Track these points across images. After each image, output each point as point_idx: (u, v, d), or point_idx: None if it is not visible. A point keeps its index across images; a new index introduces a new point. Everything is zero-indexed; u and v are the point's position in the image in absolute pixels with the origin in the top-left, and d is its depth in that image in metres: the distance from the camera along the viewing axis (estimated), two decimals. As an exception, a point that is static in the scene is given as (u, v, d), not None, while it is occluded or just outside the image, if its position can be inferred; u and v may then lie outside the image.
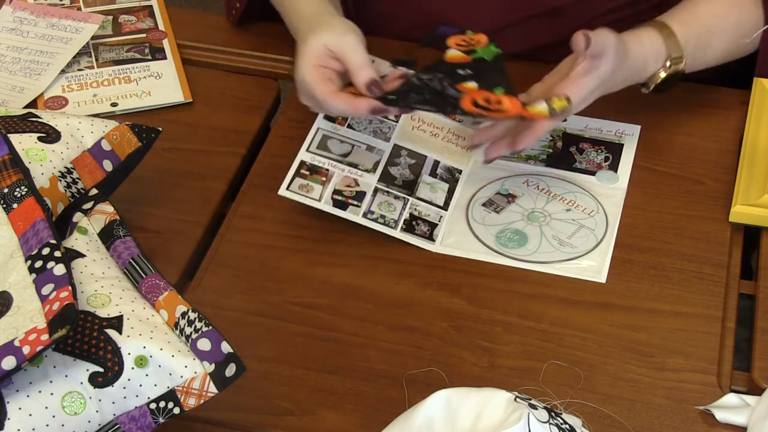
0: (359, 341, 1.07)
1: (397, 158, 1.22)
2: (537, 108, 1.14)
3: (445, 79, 1.14)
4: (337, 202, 1.17)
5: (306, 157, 1.20)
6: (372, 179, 1.20)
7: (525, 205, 1.20)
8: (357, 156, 1.22)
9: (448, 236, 1.17)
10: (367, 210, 1.17)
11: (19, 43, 1.40)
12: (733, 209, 1.17)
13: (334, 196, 1.18)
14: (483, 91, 1.13)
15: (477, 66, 1.16)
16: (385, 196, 1.19)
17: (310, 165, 1.20)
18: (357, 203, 1.17)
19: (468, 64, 1.17)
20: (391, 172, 1.21)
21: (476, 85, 1.14)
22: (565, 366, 1.04)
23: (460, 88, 1.14)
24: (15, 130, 1.08)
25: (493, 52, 1.18)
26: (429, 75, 1.15)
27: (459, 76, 1.15)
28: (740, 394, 1.02)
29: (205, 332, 0.92)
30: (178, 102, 1.34)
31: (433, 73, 1.15)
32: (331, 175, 1.19)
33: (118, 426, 0.90)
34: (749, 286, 1.13)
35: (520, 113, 1.12)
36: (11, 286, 0.93)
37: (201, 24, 1.47)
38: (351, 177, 1.20)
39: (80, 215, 1.05)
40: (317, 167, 1.20)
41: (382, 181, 1.20)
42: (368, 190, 1.19)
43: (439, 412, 0.89)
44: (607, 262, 1.14)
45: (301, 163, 1.20)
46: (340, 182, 1.19)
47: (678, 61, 1.24)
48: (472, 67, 1.16)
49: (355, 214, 1.17)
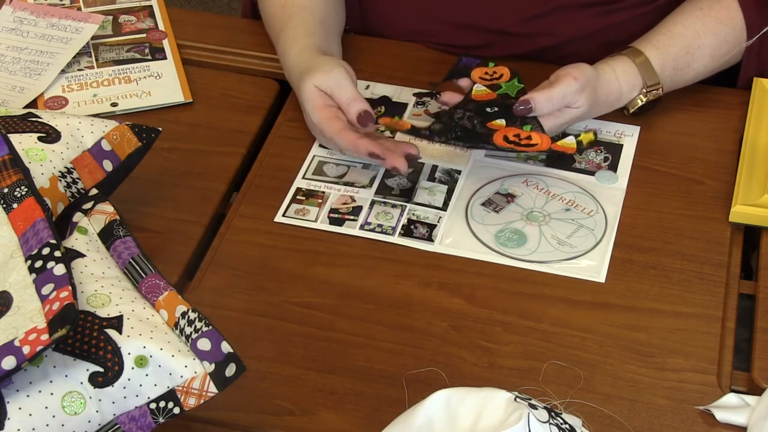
0: (359, 341, 1.07)
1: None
2: (566, 143, 1.18)
3: (475, 118, 1.19)
4: (334, 220, 1.18)
5: (302, 184, 1.21)
6: (368, 194, 1.20)
7: (524, 205, 1.20)
8: (353, 175, 1.22)
9: (447, 236, 1.17)
10: (363, 222, 1.17)
11: (19, 43, 1.40)
12: (733, 209, 1.17)
13: (331, 214, 1.18)
14: (512, 128, 1.18)
15: (503, 103, 1.21)
16: (382, 207, 1.19)
17: (306, 191, 1.20)
18: (353, 218, 1.18)
19: (495, 102, 1.22)
20: (388, 183, 1.21)
21: (505, 122, 1.19)
22: (565, 366, 1.04)
23: (491, 126, 1.19)
24: (15, 130, 1.08)
25: (516, 87, 1.24)
26: (459, 113, 1.20)
27: (488, 114, 1.19)
28: (740, 394, 1.02)
29: (205, 332, 0.92)
30: (178, 102, 1.34)
31: (463, 112, 1.20)
32: (327, 196, 1.20)
33: (118, 426, 0.90)
34: (749, 286, 1.13)
35: (549, 147, 1.17)
36: (11, 286, 0.93)
37: (201, 24, 1.46)
38: (347, 195, 1.20)
39: (80, 215, 1.05)
40: (313, 192, 1.20)
41: (379, 194, 1.20)
42: (365, 204, 1.19)
43: (439, 412, 0.89)
44: (606, 261, 1.14)
45: (297, 190, 1.20)
46: (337, 201, 1.19)
47: (655, 87, 1.25)
48: (498, 104, 1.21)
49: (352, 228, 1.17)
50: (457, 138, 1.18)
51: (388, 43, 1.40)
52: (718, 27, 1.27)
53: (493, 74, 1.26)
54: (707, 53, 1.27)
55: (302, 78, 1.23)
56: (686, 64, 1.27)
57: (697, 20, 1.27)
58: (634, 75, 1.25)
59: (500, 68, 1.26)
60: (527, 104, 1.17)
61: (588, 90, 1.20)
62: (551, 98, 1.18)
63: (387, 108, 1.30)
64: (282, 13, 1.32)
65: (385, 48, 1.38)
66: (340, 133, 1.19)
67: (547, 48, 1.36)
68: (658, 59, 1.25)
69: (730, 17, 1.27)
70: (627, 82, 1.25)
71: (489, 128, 1.18)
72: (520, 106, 1.18)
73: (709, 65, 1.28)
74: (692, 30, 1.27)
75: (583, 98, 1.20)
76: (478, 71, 1.26)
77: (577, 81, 1.18)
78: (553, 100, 1.18)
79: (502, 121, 1.19)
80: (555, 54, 1.33)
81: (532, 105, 1.18)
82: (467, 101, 1.22)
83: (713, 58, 1.28)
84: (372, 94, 1.32)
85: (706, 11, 1.27)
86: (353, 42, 1.38)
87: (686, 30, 1.27)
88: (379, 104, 1.30)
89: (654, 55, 1.25)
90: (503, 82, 1.24)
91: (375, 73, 1.35)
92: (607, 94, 1.24)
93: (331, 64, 1.22)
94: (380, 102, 1.31)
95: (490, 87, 1.23)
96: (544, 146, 1.17)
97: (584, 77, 1.19)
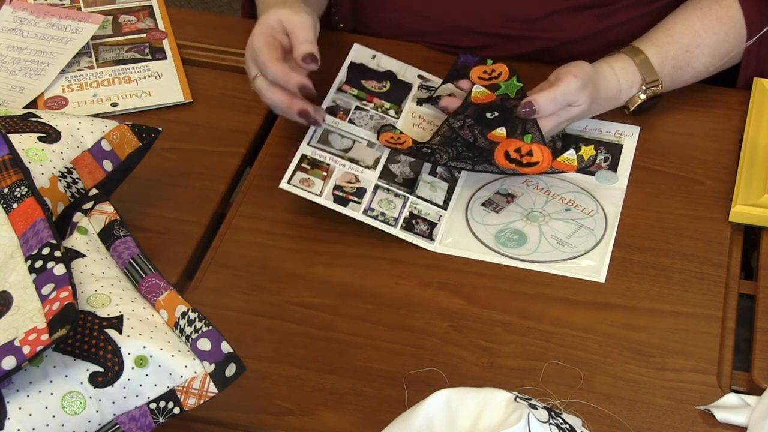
0: (359, 341, 1.07)
1: (397, 155, 1.22)
2: (567, 158, 1.18)
3: (476, 127, 1.20)
4: (338, 198, 1.17)
5: (307, 150, 1.21)
6: (372, 176, 1.20)
7: (524, 205, 1.20)
8: (358, 151, 1.22)
9: (447, 236, 1.17)
10: (367, 207, 1.17)
11: (19, 43, 1.40)
12: (733, 209, 1.17)
13: (335, 191, 1.18)
14: (513, 140, 1.18)
15: (503, 107, 1.21)
16: (386, 194, 1.19)
17: (311, 159, 1.20)
18: (357, 200, 1.17)
19: (494, 106, 1.21)
20: (392, 169, 1.21)
21: (505, 131, 1.18)
22: (565, 366, 1.04)
23: (492, 137, 1.19)
24: (15, 130, 1.08)
25: (516, 86, 1.24)
26: (459, 121, 1.20)
27: (488, 120, 1.20)
28: (740, 394, 1.02)
29: (205, 332, 0.92)
30: (178, 102, 1.34)
31: (463, 119, 1.21)
32: (332, 170, 1.20)
33: (118, 426, 0.90)
34: (749, 286, 1.13)
35: (550, 166, 1.17)
36: (11, 286, 0.93)
37: (201, 24, 1.46)
38: (352, 173, 1.20)
39: (80, 215, 1.05)
40: (318, 162, 1.20)
41: (383, 178, 1.20)
42: (369, 187, 1.19)
43: (439, 412, 0.89)
44: (606, 261, 1.14)
45: (302, 157, 1.20)
46: (341, 178, 1.19)
47: (654, 84, 1.25)
48: (498, 108, 1.21)
49: (356, 210, 1.17)
50: (459, 156, 1.19)
51: (388, 42, 1.40)
52: (718, 26, 1.27)
53: (492, 72, 1.26)
54: (707, 52, 1.27)
55: (268, 8, 1.22)
56: (686, 63, 1.27)
57: (697, 19, 1.27)
58: (633, 72, 1.25)
59: (498, 66, 1.26)
60: (531, 106, 1.17)
61: (589, 88, 1.20)
62: (554, 98, 1.18)
63: (391, 84, 1.30)
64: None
65: (385, 48, 1.37)
66: (275, 61, 1.18)
67: (546, 49, 1.36)
68: (657, 56, 1.25)
69: (730, 17, 1.27)
70: (626, 79, 1.25)
71: (490, 141, 1.18)
72: (524, 109, 1.18)
73: (709, 64, 1.28)
74: (692, 29, 1.27)
75: (585, 96, 1.20)
76: (477, 71, 1.27)
77: (578, 79, 1.18)
78: (556, 100, 1.18)
79: (502, 131, 1.18)
80: (555, 56, 1.33)
81: (536, 107, 1.17)
82: (467, 105, 1.22)
83: (713, 57, 1.28)
84: (378, 66, 1.31)
85: (706, 10, 1.27)
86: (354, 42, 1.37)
87: (686, 29, 1.27)
88: (384, 78, 1.30)
89: (653, 52, 1.25)
90: (502, 81, 1.24)
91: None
92: (606, 91, 1.24)
93: (304, 8, 1.21)
94: (385, 76, 1.30)
95: (489, 87, 1.23)
96: (545, 165, 1.17)
97: (585, 75, 1.19)
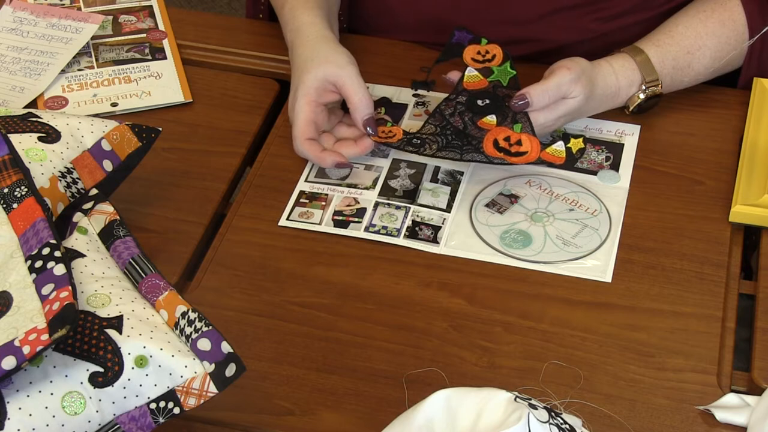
0: (359, 341, 1.07)
1: (396, 171, 1.23)
2: (555, 149, 1.18)
3: (466, 113, 1.19)
4: (338, 222, 1.17)
5: (305, 187, 1.21)
6: (372, 195, 1.20)
7: (528, 206, 1.20)
8: (356, 177, 1.22)
9: (452, 238, 1.17)
10: (368, 224, 1.17)
11: (19, 43, 1.40)
12: (733, 209, 1.17)
13: (335, 217, 1.18)
14: (503, 128, 1.18)
15: (494, 94, 1.21)
16: (386, 209, 1.19)
17: (309, 194, 1.20)
18: (358, 219, 1.18)
19: (486, 93, 1.21)
20: (391, 184, 1.21)
21: (495, 119, 1.18)
22: (565, 366, 1.04)
23: (481, 124, 1.19)
24: (15, 130, 1.08)
25: (509, 74, 1.23)
26: (450, 108, 1.20)
27: (479, 107, 1.19)
28: (740, 394, 1.02)
29: (205, 332, 0.92)
30: (178, 102, 1.34)
31: (454, 105, 1.20)
32: (331, 198, 1.20)
33: (118, 426, 0.90)
34: (749, 286, 1.13)
35: (539, 156, 1.17)
36: (11, 286, 0.93)
37: (201, 24, 1.46)
38: (351, 197, 1.20)
39: (80, 215, 1.05)
40: (317, 194, 1.20)
41: (382, 195, 1.20)
42: (368, 206, 1.19)
43: (439, 412, 0.89)
44: (611, 261, 1.14)
45: (300, 193, 1.20)
46: (340, 203, 1.19)
47: (654, 83, 1.25)
48: (490, 96, 1.21)
49: (357, 230, 1.17)
50: (448, 144, 1.19)
51: (388, 42, 1.40)
52: (720, 29, 1.27)
53: (486, 54, 1.25)
54: (708, 54, 1.27)
55: (312, 62, 1.22)
56: (686, 64, 1.27)
57: (699, 22, 1.27)
58: (633, 71, 1.25)
59: (492, 47, 1.25)
60: (524, 99, 1.18)
61: (583, 80, 1.20)
62: (546, 90, 1.18)
63: (387, 109, 1.30)
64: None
65: (385, 48, 1.37)
66: (306, 142, 1.21)
67: (546, 51, 1.35)
68: (657, 56, 1.25)
69: (732, 20, 1.27)
70: (625, 78, 1.25)
71: (480, 128, 1.18)
72: (517, 101, 1.18)
73: (710, 67, 1.28)
74: (694, 31, 1.27)
75: (579, 88, 1.19)
76: (470, 50, 1.25)
77: (570, 71, 1.18)
78: (549, 91, 1.18)
79: (492, 118, 1.18)
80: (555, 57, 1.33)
81: (529, 99, 1.18)
82: (458, 90, 1.22)
83: (714, 59, 1.28)
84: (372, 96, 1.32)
85: (708, 13, 1.27)
86: (353, 42, 1.37)
87: (688, 31, 1.27)
88: (379, 105, 1.30)
89: (654, 52, 1.25)
90: (495, 65, 1.24)
91: (375, 73, 1.35)
92: (604, 87, 1.24)
93: (345, 58, 1.22)
94: (380, 103, 1.31)
95: (482, 71, 1.23)
96: (533, 155, 1.17)
97: (578, 67, 1.19)
